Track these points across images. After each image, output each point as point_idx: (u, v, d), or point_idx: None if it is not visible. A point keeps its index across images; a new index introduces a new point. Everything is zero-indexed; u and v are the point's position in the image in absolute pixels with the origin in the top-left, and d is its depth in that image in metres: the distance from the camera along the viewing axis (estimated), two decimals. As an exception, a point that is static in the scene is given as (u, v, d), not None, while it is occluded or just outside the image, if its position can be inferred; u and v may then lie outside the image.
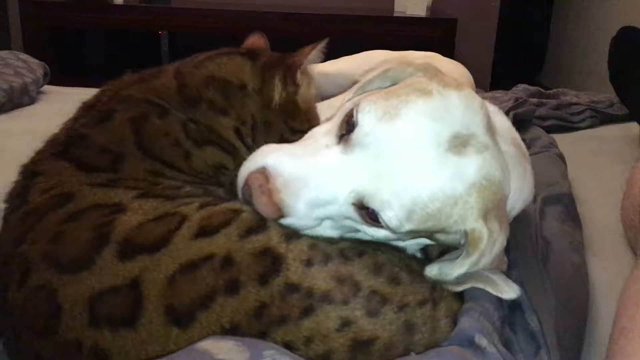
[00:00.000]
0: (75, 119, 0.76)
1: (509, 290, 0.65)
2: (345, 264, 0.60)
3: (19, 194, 0.68)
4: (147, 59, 3.43)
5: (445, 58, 1.41)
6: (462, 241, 0.64)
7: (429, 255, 0.72)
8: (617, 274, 0.87)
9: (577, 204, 1.04)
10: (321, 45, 0.81)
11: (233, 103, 0.76)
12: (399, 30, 3.11)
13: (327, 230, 0.66)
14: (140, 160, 0.70)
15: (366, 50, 1.54)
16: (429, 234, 0.65)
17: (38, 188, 0.66)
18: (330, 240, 0.64)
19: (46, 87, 1.76)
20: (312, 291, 0.56)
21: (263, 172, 0.64)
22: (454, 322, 0.62)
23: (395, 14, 3.21)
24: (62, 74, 2.91)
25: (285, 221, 0.64)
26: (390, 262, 0.62)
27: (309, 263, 0.58)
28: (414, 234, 0.64)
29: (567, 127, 1.57)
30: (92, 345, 0.56)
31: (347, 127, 0.64)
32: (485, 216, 0.63)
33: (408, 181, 0.61)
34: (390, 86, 0.70)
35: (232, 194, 0.70)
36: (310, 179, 0.63)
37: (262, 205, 0.63)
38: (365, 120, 0.63)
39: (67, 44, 3.40)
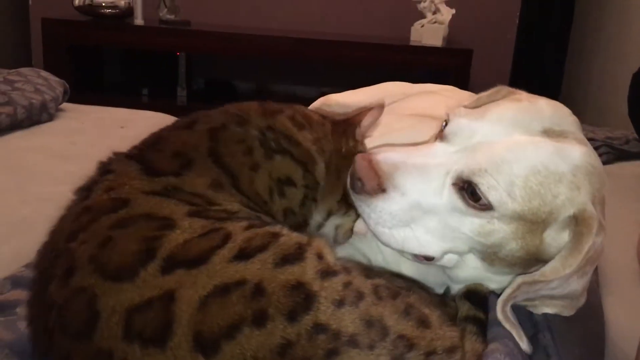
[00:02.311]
0: (161, 128, 0.80)
1: (522, 343, 0.64)
2: (377, 305, 0.58)
3: (87, 188, 0.69)
4: (164, 80, 3.47)
5: (464, 91, 1.41)
6: (569, 235, 0.62)
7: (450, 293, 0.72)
8: (634, 312, 0.86)
9: (592, 241, 1.02)
10: (376, 109, 0.86)
11: (315, 129, 0.79)
12: (414, 59, 3.14)
13: (427, 235, 0.66)
14: (208, 169, 0.71)
15: (381, 78, 1.54)
16: (535, 224, 0.62)
17: (104, 185, 0.68)
18: (367, 275, 0.62)
19: (65, 105, 1.79)
20: (340, 333, 0.55)
21: (370, 154, 0.68)
22: None
23: (411, 43, 3.23)
24: (82, 92, 2.95)
25: (385, 203, 0.65)
26: (422, 302, 0.61)
27: (340, 303, 0.57)
28: (522, 224, 0.62)
29: (582, 163, 1.55)
30: (121, 359, 0.55)
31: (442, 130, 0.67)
32: (593, 202, 0.61)
33: (505, 153, 0.61)
34: None
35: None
36: (411, 159, 0.66)
37: (364, 169, 0.65)
38: (456, 116, 0.66)
39: (87, 62, 3.45)
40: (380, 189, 0.65)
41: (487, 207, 0.61)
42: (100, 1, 3.19)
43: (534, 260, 0.65)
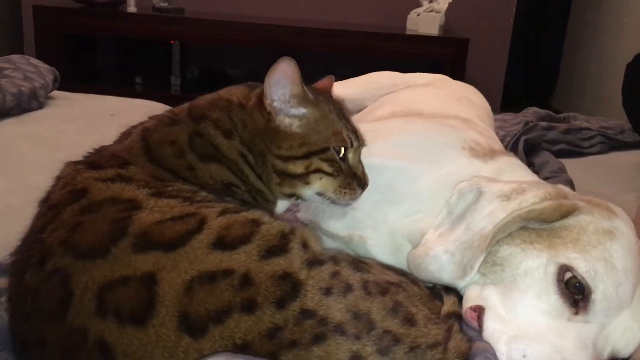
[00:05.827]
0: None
1: None
2: (365, 299, 0.59)
3: (45, 198, 0.71)
4: (158, 68, 3.45)
5: (455, 81, 1.40)
6: None
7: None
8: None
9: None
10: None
11: (236, 122, 0.75)
12: (410, 48, 3.12)
13: None
14: (145, 165, 0.71)
15: (377, 67, 1.54)
16: None
17: (59, 185, 0.70)
18: (356, 267, 0.63)
19: (55, 93, 1.77)
20: (327, 320, 0.57)
21: None
22: None
23: (407, 32, 3.22)
24: (74, 81, 2.93)
25: None
26: (410, 301, 0.62)
27: (328, 292, 0.58)
28: None
29: (576, 152, 1.55)
30: (97, 337, 0.56)
31: (569, 289, 0.65)
32: None
33: None
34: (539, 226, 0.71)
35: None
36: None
37: None
38: (598, 282, 0.65)
39: (80, 50, 3.42)
40: None
41: None
42: (93, -12, 3.16)
43: None
